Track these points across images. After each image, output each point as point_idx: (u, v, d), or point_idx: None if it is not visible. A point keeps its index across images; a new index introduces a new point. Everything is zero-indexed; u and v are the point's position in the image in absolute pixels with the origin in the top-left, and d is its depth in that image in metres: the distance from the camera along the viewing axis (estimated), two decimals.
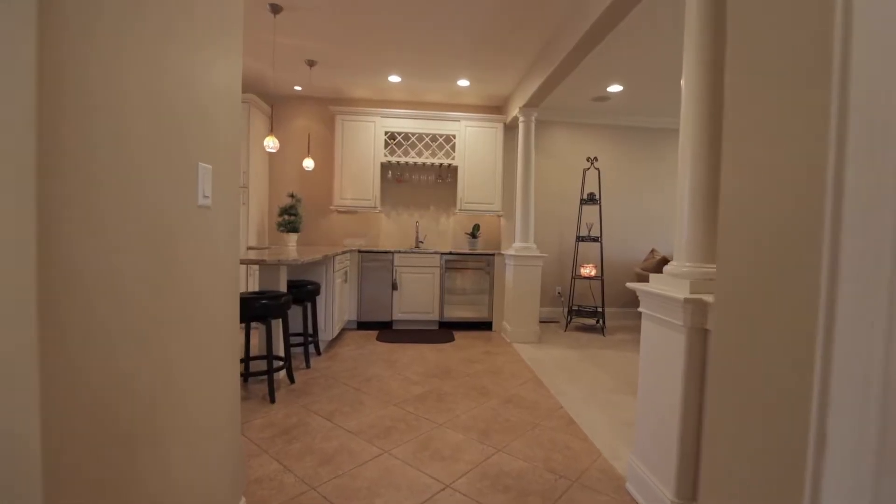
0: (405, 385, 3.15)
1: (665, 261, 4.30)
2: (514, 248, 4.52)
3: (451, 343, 4.37)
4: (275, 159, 5.37)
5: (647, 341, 1.87)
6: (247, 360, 3.11)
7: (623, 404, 2.90)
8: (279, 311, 2.90)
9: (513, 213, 5.27)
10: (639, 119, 5.63)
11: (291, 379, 3.14)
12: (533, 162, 4.52)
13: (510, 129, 5.29)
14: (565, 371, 3.57)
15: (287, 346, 3.08)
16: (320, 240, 5.46)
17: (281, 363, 3.13)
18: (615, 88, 4.66)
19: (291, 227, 4.95)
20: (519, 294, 4.43)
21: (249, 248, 4.76)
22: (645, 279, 4.70)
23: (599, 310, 5.16)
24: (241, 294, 2.85)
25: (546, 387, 3.19)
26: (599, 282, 5.22)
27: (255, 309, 2.77)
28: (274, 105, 5.34)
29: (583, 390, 3.15)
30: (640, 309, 1.90)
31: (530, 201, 4.51)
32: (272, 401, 2.78)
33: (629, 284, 1.95)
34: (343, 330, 4.82)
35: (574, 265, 5.11)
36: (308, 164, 4.47)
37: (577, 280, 5.24)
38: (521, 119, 4.53)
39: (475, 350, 4.13)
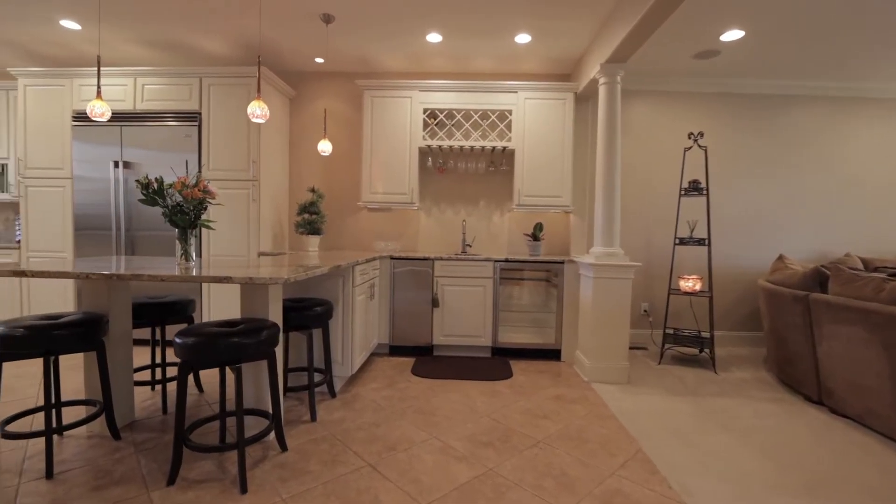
0: (444, 461, 2.12)
1: (821, 274, 2.98)
2: (593, 254, 3.37)
3: (509, 380, 3.29)
4: (296, 149, 4.53)
5: None
6: (222, 418, 2.21)
7: None
8: (259, 351, 1.97)
9: (586, 209, 4.11)
10: (760, 83, 4.27)
11: (283, 445, 2.20)
12: (619, 139, 3.35)
13: (582, 100, 4.13)
14: (681, 439, 2.39)
15: (276, 398, 2.15)
16: (347, 243, 4.56)
17: (270, 422, 2.20)
18: (732, 35, 3.39)
19: (312, 229, 4.09)
20: (600, 316, 3.28)
21: (261, 255, 3.94)
22: (779, 295, 3.39)
23: (706, 335, 3.89)
24: (202, 328, 1.94)
25: (661, 475, 2.05)
26: (707, 299, 3.95)
27: (218, 351, 1.85)
28: (294, 84, 4.50)
29: (727, 485, 1.97)
30: None
31: (615, 193, 3.34)
32: (243, 490, 1.85)
33: None
34: (372, 356, 3.88)
35: (670, 276, 3.87)
36: (324, 147, 3.56)
37: (672, 295, 3.99)
38: (601, 81, 3.37)
39: (542, 394, 3.03)
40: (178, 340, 1.86)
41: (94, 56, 4.24)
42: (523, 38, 3.61)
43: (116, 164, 3.98)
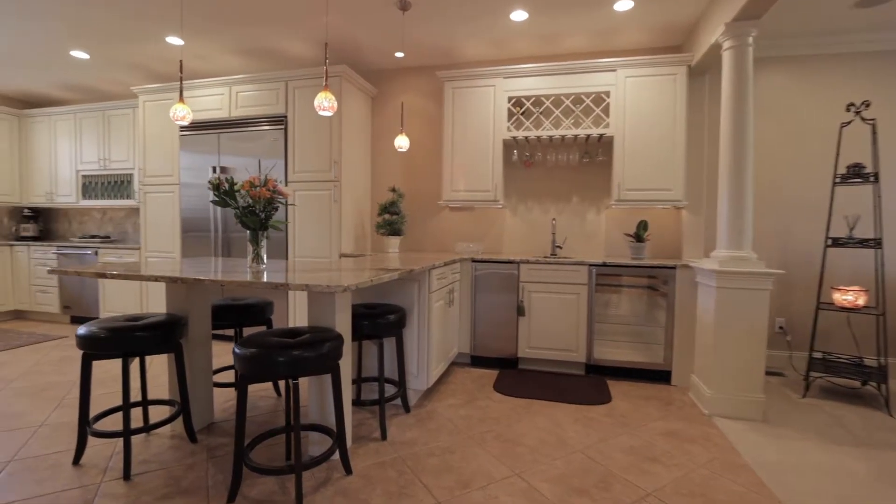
0: None
1: None
2: (715, 258, 2.75)
3: (607, 406, 2.81)
4: (378, 148, 4.44)
5: None
6: (288, 433, 2.08)
7: None
8: (320, 365, 1.79)
9: (703, 204, 3.45)
10: None
11: (347, 467, 2.00)
12: (751, 116, 2.70)
13: (697, 74, 3.48)
14: None
15: (340, 416, 1.96)
16: (428, 244, 4.36)
17: (333, 442, 2.02)
18: None
19: (392, 230, 3.95)
20: (726, 335, 2.66)
21: (342, 257, 3.88)
22: None
23: (871, 363, 3.03)
24: (262, 338, 1.81)
25: None
26: (874, 317, 3.08)
27: (276, 365, 1.69)
28: (376, 83, 4.42)
29: None
30: None
31: (745, 183, 2.69)
32: None
33: None
34: (452, 365, 3.62)
35: (820, 286, 3.07)
36: (401, 143, 3.38)
37: (821, 310, 3.16)
38: (726, 45, 2.75)
39: (649, 427, 2.52)
40: (237, 351, 1.74)
41: (198, 69, 4.53)
42: (624, 5, 3.09)
43: (214, 170, 4.20)
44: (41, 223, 5.82)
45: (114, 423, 2.47)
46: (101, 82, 4.94)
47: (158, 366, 3.54)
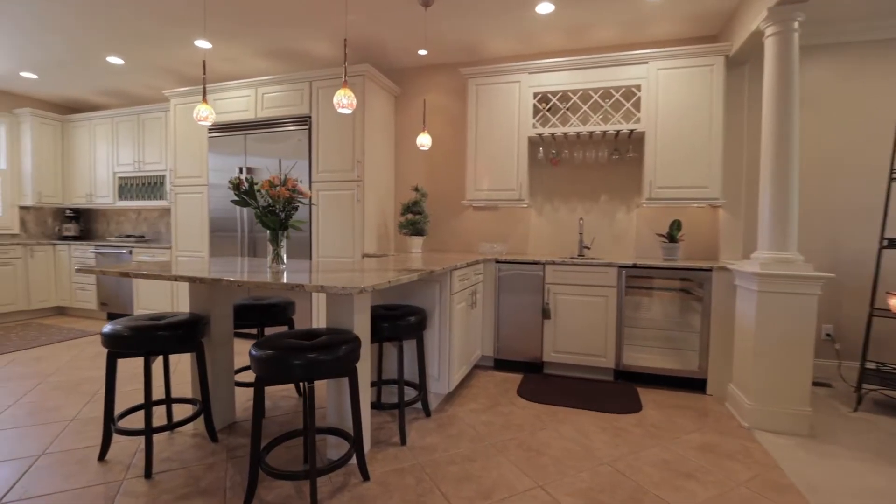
0: None
1: None
2: (757, 259, 2.57)
3: (637, 415, 2.67)
4: (402, 147, 4.41)
5: None
6: (306, 436, 2.05)
7: None
8: (337, 367, 1.75)
9: (742, 202, 3.26)
10: None
11: (364, 473, 1.95)
12: (797, 107, 2.51)
13: (735, 65, 3.28)
14: None
15: (357, 420, 1.91)
16: (451, 244, 4.29)
17: (350, 446, 1.98)
18: None
19: (415, 230, 3.90)
20: (768, 342, 2.48)
21: (365, 257, 3.86)
22: None
23: None
24: (278, 340, 1.78)
25: None
26: None
27: (292, 367, 1.66)
28: (399, 81, 4.39)
29: None
30: None
31: (790, 180, 2.50)
32: None
33: None
34: (475, 368, 3.54)
35: (874, 291, 2.83)
36: (423, 141, 3.32)
37: (875, 317, 2.92)
38: (768, 32, 2.56)
39: (683, 440, 2.37)
40: (253, 353, 1.71)
41: (227, 72, 4.61)
42: None
43: (241, 171, 4.26)
44: (82, 223, 6.06)
45: (139, 419, 2.51)
46: (136, 87, 5.10)
47: (185, 364, 3.61)
